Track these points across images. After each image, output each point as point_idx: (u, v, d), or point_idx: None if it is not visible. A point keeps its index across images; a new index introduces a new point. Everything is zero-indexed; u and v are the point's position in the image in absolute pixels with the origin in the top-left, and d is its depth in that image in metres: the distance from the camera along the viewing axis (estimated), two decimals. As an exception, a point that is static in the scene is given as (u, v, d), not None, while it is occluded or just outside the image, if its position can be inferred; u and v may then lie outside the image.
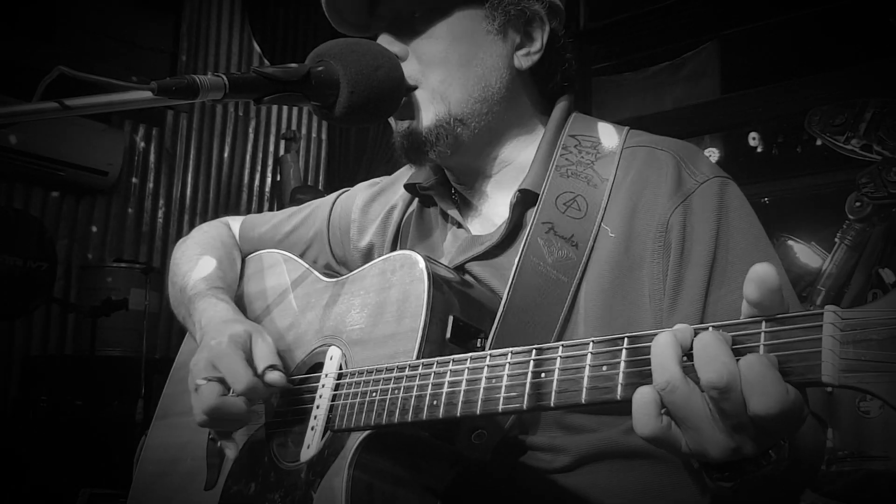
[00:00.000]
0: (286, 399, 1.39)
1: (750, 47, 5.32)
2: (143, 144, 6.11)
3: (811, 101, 4.49)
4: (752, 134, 5.42)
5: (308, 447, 1.30)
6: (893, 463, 3.57)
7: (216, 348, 1.36)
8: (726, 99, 5.30)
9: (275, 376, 1.33)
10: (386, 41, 1.42)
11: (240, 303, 1.68)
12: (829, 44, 4.77)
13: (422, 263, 1.28)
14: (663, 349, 0.89)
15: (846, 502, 3.30)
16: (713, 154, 5.50)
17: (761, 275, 0.86)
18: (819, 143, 4.68)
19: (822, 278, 4.38)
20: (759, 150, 5.42)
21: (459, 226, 1.51)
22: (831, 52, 4.74)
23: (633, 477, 1.30)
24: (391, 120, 1.47)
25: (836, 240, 4.35)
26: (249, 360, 1.35)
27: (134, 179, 6.05)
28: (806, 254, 4.63)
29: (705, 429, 0.89)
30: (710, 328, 0.90)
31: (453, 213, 1.52)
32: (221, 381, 1.33)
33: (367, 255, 1.66)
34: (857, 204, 4.23)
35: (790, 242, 4.65)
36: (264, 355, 1.35)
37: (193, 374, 1.37)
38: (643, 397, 0.90)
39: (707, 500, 1.27)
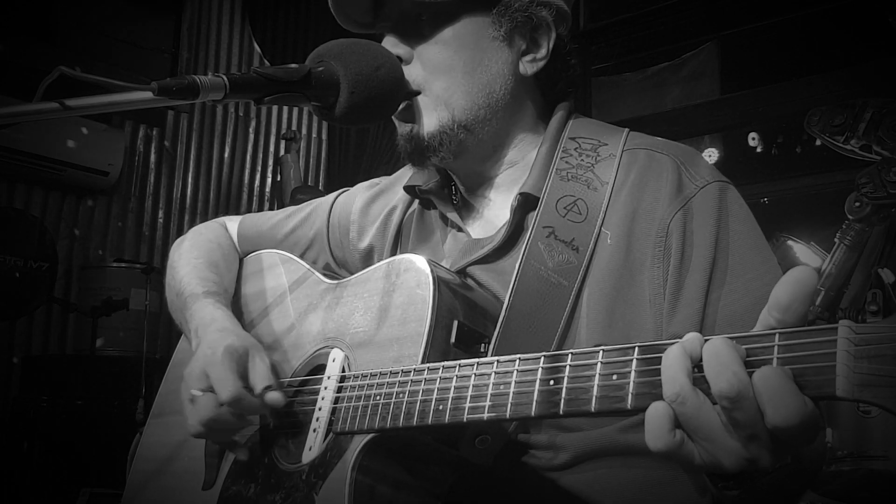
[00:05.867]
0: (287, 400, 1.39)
1: (750, 47, 5.33)
2: (143, 145, 6.10)
3: (811, 101, 4.48)
4: (752, 134, 5.42)
5: (310, 449, 1.30)
6: (893, 462, 3.57)
7: (210, 358, 1.35)
8: (726, 99, 5.30)
9: (275, 396, 1.33)
10: (390, 43, 1.41)
11: (238, 303, 1.67)
12: (829, 44, 4.78)
13: (427, 268, 1.28)
14: (672, 361, 0.89)
15: (846, 502, 3.30)
16: (713, 154, 5.51)
17: (799, 277, 0.85)
18: (818, 143, 4.67)
19: (821, 278, 4.37)
20: (758, 150, 5.42)
21: (459, 229, 1.51)
22: (831, 53, 4.74)
23: (632, 474, 1.30)
24: (395, 121, 1.46)
25: (836, 240, 4.34)
26: (244, 376, 1.34)
27: (134, 179, 6.04)
28: (805, 254, 4.64)
29: (718, 440, 0.88)
30: (723, 338, 0.89)
31: (452, 216, 1.51)
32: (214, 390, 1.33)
33: (367, 256, 1.65)
34: (857, 204, 4.22)
35: (790, 242, 4.66)
36: (262, 374, 1.35)
37: (188, 384, 1.37)
38: (656, 412, 0.89)
39: (706, 499, 1.27)
